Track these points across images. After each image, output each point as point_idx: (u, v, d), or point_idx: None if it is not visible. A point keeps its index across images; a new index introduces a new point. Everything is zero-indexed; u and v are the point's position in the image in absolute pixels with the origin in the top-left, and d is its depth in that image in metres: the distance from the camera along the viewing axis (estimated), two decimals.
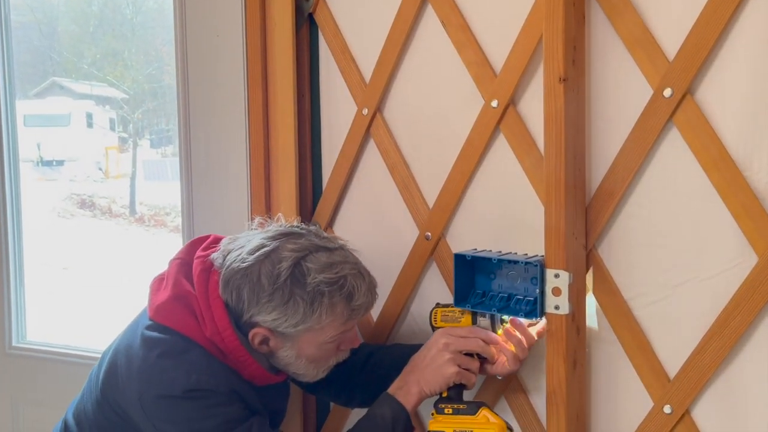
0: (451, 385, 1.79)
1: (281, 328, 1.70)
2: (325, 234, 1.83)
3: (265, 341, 1.74)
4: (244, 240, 1.78)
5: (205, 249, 1.85)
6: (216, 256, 1.79)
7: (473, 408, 1.77)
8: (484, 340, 1.81)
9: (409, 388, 1.79)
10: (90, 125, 6.46)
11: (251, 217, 2.24)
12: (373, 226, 2.18)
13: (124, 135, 6.31)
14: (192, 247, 1.88)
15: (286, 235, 1.75)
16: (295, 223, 1.84)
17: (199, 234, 2.25)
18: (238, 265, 1.71)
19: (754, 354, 1.66)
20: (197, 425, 1.67)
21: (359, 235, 2.16)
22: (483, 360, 1.83)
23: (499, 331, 1.84)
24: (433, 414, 1.80)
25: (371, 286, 1.77)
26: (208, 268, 1.78)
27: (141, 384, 1.69)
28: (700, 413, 1.73)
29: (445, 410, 1.78)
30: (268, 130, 2.26)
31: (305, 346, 1.75)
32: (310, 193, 2.28)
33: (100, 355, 1.89)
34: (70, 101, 6.10)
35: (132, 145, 6.17)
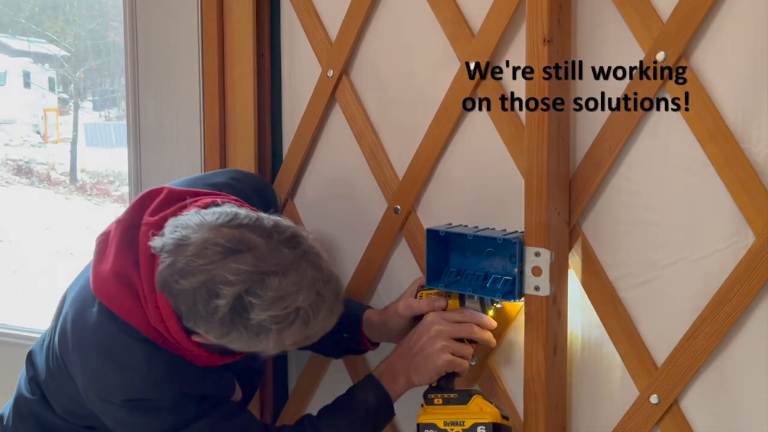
0: (443, 374, 1.77)
1: (223, 344, 1.61)
2: (283, 229, 1.58)
3: (208, 342, 1.64)
4: (183, 233, 1.57)
5: (153, 213, 1.68)
6: (156, 244, 1.59)
7: (465, 397, 1.75)
8: (478, 325, 1.78)
9: (395, 376, 1.78)
10: (27, 85, 6.39)
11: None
12: (338, 198, 2.16)
13: (65, 96, 6.25)
14: (140, 207, 1.71)
15: (227, 255, 1.52)
16: (242, 213, 1.59)
17: None
18: (170, 283, 1.55)
19: (749, 340, 1.66)
20: (141, 429, 1.70)
21: (322, 208, 2.16)
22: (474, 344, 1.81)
23: (490, 313, 1.81)
24: (422, 405, 1.78)
25: (333, 306, 1.61)
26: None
27: (83, 382, 1.68)
28: (689, 403, 1.73)
29: (435, 400, 1.76)
30: (224, 92, 2.23)
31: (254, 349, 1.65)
32: (270, 161, 2.25)
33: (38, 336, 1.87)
34: (5, 58, 6.03)
35: (73, 107, 6.11)
